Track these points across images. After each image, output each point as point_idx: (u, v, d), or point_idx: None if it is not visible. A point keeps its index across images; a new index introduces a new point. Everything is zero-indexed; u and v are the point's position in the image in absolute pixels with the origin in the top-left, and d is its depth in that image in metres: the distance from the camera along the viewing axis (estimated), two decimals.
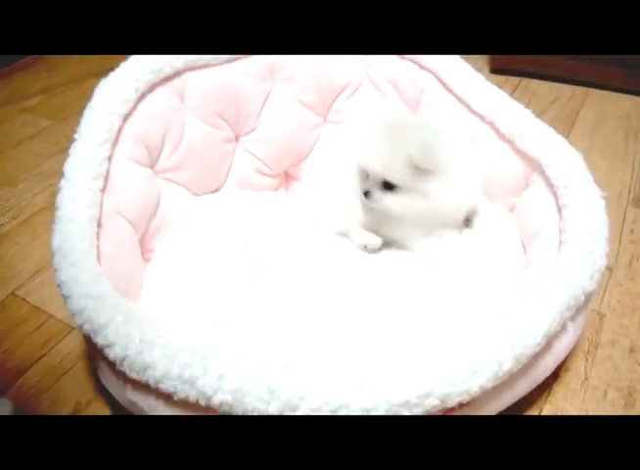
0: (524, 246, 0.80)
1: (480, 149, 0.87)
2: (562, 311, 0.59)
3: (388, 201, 0.76)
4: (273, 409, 0.50)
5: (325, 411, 0.50)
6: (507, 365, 0.55)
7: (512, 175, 0.84)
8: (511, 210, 0.86)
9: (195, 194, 0.91)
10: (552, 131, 0.79)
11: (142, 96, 0.82)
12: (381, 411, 0.50)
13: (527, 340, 0.56)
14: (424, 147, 0.71)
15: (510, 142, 0.83)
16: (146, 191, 0.81)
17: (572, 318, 0.64)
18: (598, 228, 0.67)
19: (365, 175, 0.78)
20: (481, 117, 0.86)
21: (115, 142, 0.77)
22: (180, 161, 0.87)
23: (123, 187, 0.77)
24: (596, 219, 0.68)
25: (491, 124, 0.85)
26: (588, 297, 0.64)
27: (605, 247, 0.66)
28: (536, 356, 0.59)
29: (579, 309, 0.64)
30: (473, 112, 0.87)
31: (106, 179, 0.74)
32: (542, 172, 0.78)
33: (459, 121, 0.88)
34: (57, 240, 0.65)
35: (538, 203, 0.79)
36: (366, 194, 0.77)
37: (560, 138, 0.78)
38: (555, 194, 0.75)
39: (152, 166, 0.84)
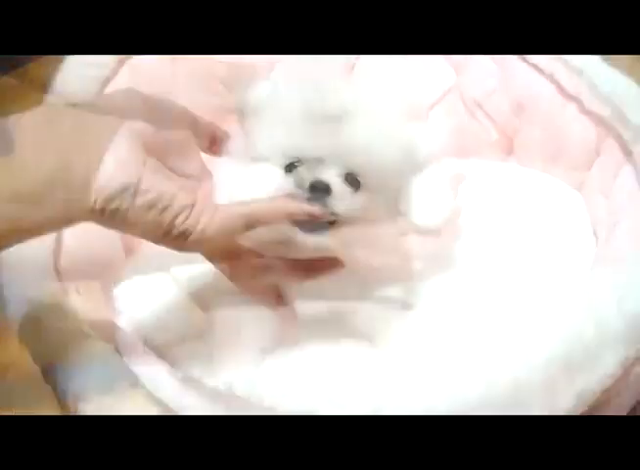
0: (595, 234, 0.61)
1: (538, 111, 0.68)
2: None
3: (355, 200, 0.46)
4: None
5: None
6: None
7: (580, 143, 0.65)
8: (579, 187, 0.66)
9: None
10: (626, 79, 0.59)
11: None
12: None
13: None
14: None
15: (577, 100, 0.64)
16: None
17: None
18: None
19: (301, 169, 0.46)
20: (540, 70, 0.67)
21: None
22: None
23: None
24: None
25: (551, 77, 0.66)
26: None
27: None
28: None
29: None
30: (527, 61, 0.67)
31: None
32: (618, 136, 0.59)
33: (511, 75, 0.70)
34: None
35: (613, 177, 0.59)
36: (317, 188, 0.43)
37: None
38: (635, 165, 0.56)
39: None
